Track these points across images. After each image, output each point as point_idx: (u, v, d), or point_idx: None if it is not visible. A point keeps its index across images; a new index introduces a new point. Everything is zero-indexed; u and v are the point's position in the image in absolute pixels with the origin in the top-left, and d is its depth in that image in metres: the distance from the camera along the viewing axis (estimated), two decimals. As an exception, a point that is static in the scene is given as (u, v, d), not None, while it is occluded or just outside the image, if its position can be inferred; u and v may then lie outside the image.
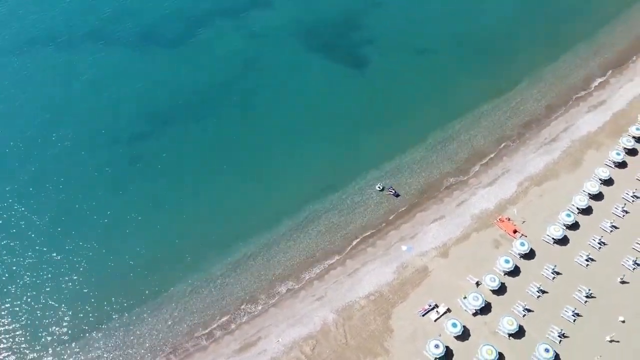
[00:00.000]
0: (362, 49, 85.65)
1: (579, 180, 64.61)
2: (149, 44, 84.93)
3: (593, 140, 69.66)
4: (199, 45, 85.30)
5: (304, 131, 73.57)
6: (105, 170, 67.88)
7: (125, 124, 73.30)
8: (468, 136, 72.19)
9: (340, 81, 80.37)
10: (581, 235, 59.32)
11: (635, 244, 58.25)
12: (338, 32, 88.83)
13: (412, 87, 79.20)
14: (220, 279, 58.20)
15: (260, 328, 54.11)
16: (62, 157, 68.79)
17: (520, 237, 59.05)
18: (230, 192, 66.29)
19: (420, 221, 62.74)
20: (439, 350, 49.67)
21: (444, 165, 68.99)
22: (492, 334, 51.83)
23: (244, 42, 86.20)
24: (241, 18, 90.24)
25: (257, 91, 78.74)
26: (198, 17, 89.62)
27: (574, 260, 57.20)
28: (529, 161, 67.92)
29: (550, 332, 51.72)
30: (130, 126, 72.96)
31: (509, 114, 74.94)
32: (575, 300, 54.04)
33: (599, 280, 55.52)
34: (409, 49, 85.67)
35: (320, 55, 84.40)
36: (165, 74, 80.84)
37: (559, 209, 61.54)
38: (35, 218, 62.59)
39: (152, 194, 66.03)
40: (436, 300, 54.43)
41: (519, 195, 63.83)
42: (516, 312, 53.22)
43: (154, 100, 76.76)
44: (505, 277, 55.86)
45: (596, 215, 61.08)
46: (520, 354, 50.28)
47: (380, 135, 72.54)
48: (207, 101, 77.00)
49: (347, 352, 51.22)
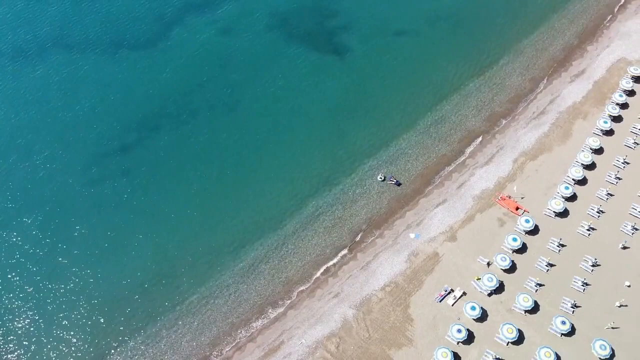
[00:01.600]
0: (340, 36, 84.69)
1: (571, 151, 66.35)
2: (122, 49, 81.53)
3: (579, 110, 71.37)
4: (173, 46, 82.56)
5: (293, 126, 72.67)
6: (97, 188, 65.42)
7: (109, 135, 70.69)
8: (459, 116, 72.88)
9: (322, 71, 79.49)
10: (580, 205, 61.20)
11: (632, 209, 60.55)
12: (313, 19, 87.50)
13: (396, 71, 79.04)
14: (233, 286, 57.67)
15: (282, 331, 54.14)
16: (50, 180, 65.91)
17: (522, 213, 60.51)
18: (228, 196, 65.22)
19: (424, 207, 63.45)
20: (462, 334, 50.87)
21: (439, 147, 69.62)
22: (509, 312, 53.37)
23: (218, 38, 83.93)
24: (212, 13, 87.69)
25: (239, 88, 77.17)
26: (168, 17, 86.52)
27: (576, 231, 59.11)
28: (521, 137, 69.20)
29: (563, 303, 53.61)
30: (114, 138, 70.40)
31: (495, 91, 75.88)
32: (583, 270, 56.02)
33: (602, 248, 57.62)
34: (387, 31, 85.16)
35: (298, 45, 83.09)
36: (142, 79, 78.09)
37: (556, 182, 63.23)
38: (33, 247, 60.19)
39: (149, 206, 64.28)
40: (451, 284, 55.49)
41: (515, 172, 65.13)
42: (528, 287, 54.85)
43: (135, 107, 74.17)
44: (514, 255, 57.34)
45: (592, 184, 63.02)
46: (538, 329, 51.99)
47: (371, 123, 72.49)
48: (189, 103, 75.00)
49: (371, 346, 51.89)
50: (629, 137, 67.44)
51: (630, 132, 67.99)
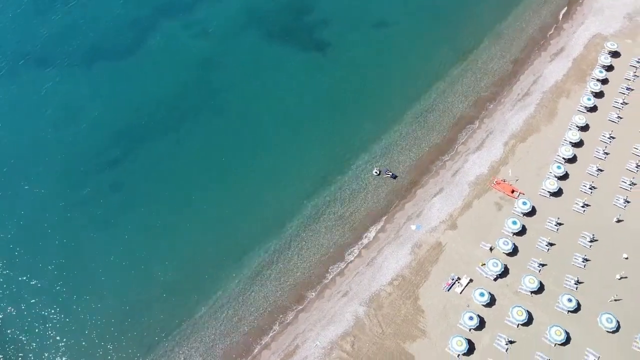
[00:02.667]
0: (319, 31, 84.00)
1: (558, 130, 67.66)
2: (98, 60, 79.29)
3: (562, 88, 72.71)
4: (151, 53, 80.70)
5: (281, 127, 71.92)
6: (89, 207, 63.69)
7: (95, 151, 68.80)
8: (446, 104, 73.38)
9: (305, 68, 78.88)
10: (573, 183, 62.58)
11: (622, 182, 62.27)
12: (291, 15, 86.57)
13: (379, 63, 78.94)
14: (241, 295, 57.29)
15: (295, 336, 54.19)
16: (39, 205, 63.79)
17: (518, 196, 61.61)
18: (225, 203, 64.42)
19: (422, 198, 63.99)
20: (474, 321, 51.79)
21: (430, 136, 70.08)
22: (516, 295, 54.53)
23: (197, 42, 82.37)
24: (187, 16, 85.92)
25: (223, 91, 76.12)
26: (142, 23, 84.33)
27: (571, 209, 60.53)
28: (508, 119, 70.21)
29: (566, 281, 55.02)
30: (101, 153, 68.54)
31: (479, 75, 76.61)
32: (582, 246, 57.48)
33: (598, 223, 59.16)
34: (366, 23, 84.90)
35: (278, 43, 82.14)
36: (123, 89, 76.25)
37: (548, 162, 64.47)
38: (29, 277, 58.49)
39: (144, 221, 63.06)
40: (456, 272, 56.28)
41: (507, 155, 66.14)
42: (532, 269, 56.07)
43: (118, 119, 72.37)
44: (515, 238, 58.45)
45: (581, 162, 64.48)
46: (545, 308, 53.27)
47: (360, 117, 72.43)
48: (174, 110, 73.57)
49: (386, 341, 52.41)
50: (612, 112, 69.08)
51: (613, 106, 69.64)
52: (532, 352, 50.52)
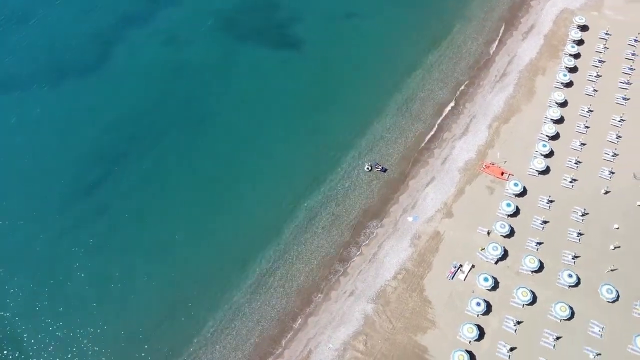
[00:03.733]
0: (290, 27, 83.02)
1: (539, 108, 68.92)
2: (64, 79, 76.20)
3: (537, 66, 73.96)
4: (119, 66, 78.03)
5: (264, 130, 70.72)
6: (75, 235, 61.01)
7: (74, 176, 65.98)
8: (426, 91, 73.78)
9: (280, 67, 77.83)
10: (558, 160, 63.97)
11: (604, 154, 64.04)
12: (259, 14, 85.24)
13: (354, 56, 78.72)
14: (247, 306, 56.53)
15: (307, 341, 53.97)
16: (22, 239, 60.93)
17: (508, 177, 62.61)
18: (216, 215, 63.14)
19: (415, 188, 64.33)
20: (481, 307, 52.62)
21: (415, 126, 70.37)
22: (517, 275, 55.63)
23: (165, 50, 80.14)
24: (151, 24, 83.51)
25: (199, 99, 74.38)
26: (105, 35, 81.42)
27: (560, 185, 61.94)
28: (489, 102, 71.06)
29: (564, 257, 56.42)
30: (80, 177, 65.81)
31: (455, 60, 77.21)
32: (574, 221, 58.96)
33: (587, 196, 60.78)
34: (336, 16, 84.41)
35: (250, 44, 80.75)
36: (94, 107, 73.39)
37: (532, 141, 65.67)
38: (25, 310, 56.29)
39: (136, 242, 61.10)
40: (458, 260, 56.93)
41: (493, 138, 67.03)
42: (530, 248, 57.24)
43: (94, 139, 69.70)
44: (510, 219, 59.46)
45: (564, 138, 65.92)
46: (547, 285, 54.49)
47: (342, 113, 72.08)
48: (152, 124, 71.52)
49: (397, 336, 52.76)
50: (587, 85, 70.78)
51: (588, 80, 71.37)
52: (539, 329, 51.77)
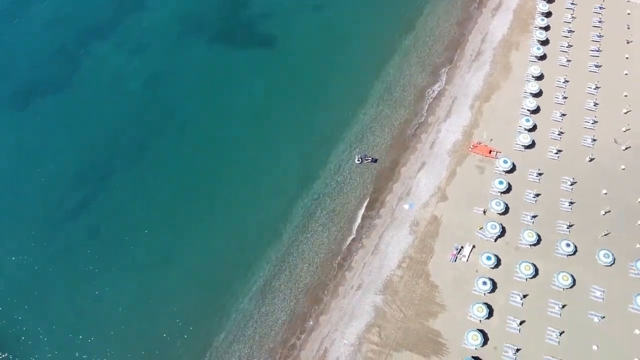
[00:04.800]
0: (260, 24, 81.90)
1: (517, 83, 70.14)
2: (31, 99, 73.53)
3: (510, 42, 75.09)
4: (88, 81, 75.77)
5: (248, 132, 69.87)
6: (67, 258, 59.61)
7: (59, 199, 64.24)
8: (405, 77, 74.14)
9: (256, 66, 76.83)
10: (542, 132, 65.43)
11: (585, 122, 65.85)
12: (226, 14, 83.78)
13: (329, 48, 78.23)
14: (256, 312, 56.28)
15: (322, 339, 54.20)
16: (11, 269, 59.19)
17: (496, 155, 63.75)
18: (211, 224, 62.34)
19: (407, 175, 64.84)
20: (487, 286, 53.81)
21: (399, 113, 70.70)
22: (517, 251, 56.98)
23: (135, 59, 78.02)
24: (117, 33, 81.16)
25: (178, 106, 72.84)
26: (69, 50, 79.02)
27: (547, 157, 63.46)
28: (468, 82, 71.90)
29: (559, 227, 58.04)
30: (65, 200, 64.09)
31: (430, 43, 77.66)
32: (565, 191, 60.58)
33: (573, 165, 62.47)
34: (305, 9, 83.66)
35: (221, 46, 79.39)
36: (69, 126, 71.25)
37: (515, 116, 66.90)
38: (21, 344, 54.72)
39: (132, 260, 59.86)
40: (458, 242, 57.87)
41: (476, 117, 67.98)
42: (526, 222, 58.65)
43: (74, 159, 67.76)
44: (504, 196, 60.70)
45: (545, 110, 67.41)
46: (547, 257, 55.97)
47: (325, 107, 71.83)
48: (134, 138, 69.69)
49: (410, 323, 53.51)
50: (560, 56, 72.37)
51: (560, 51, 72.95)
52: (545, 300, 53.31)
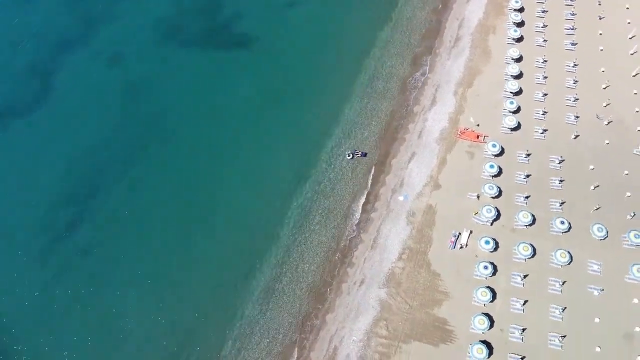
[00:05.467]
0: (235, 25, 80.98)
1: (497, 67, 70.90)
2: (13, 118, 71.44)
3: (486, 26, 75.78)
4: (66, 95, 73.76)
5: (235, 137, 69.06)
6: (65, 281, 58.13)
7: (48, 222, 62.33)
8: (387, 68, 74.25)
9: (236, 68, 75.99)
10: (526, 114, 66.29)
11: (566, 100, 67.03)
12: (201, 16, 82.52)
13: (308, 44, 77.88)
14: (260, 316, 55.94)
15: (330, 338, 54.23)
16: (15, 295, 57.51)
17: (484, 139, 64.43)
18: (208, 232, 61.50)
19: (398, 167, 65.10)
20: (489, 270, 54.53)
21: (384, 105, 70.81)
22: (514, 232, 57.81)
23: (113, 70, 76.36)
24: (92, 43, 79.24)
25: (162, 116, 71.52)
26: (43, 64, 76.61)
27: (533, 138, 64.42)
28: (449, 69, 72.39)
29: (551, 205, 59.11)
30: (54, 222, 62.27)
31: (407, 32, 77.92)
32: (553, 169, 61.55)
33: (559, 144, 63.55)
34: (279, 5, 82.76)
35: (199, 50, 78.18)
36: (50, 143, 69.14)
37: (499, 100, 67.67)
38: None
39: (131, 276, 58.64)
40: (455, 228, 58.43)
41: (461, 103, 68.52)
42: (519, 204, 59.54)
43: (59, 177, 65.94)
44: (495, 179, 61.43)
45: (527, 91, 68.31)
46: (543, 236, 56.96)
47: (310, 105, 71.55)
48: (118, 152, 68.19)
49: (416, 314, 53.89)
50: (537, 37, 73.40)
51: (536, 32, 73.98)
52: (545, 279, 54.30)
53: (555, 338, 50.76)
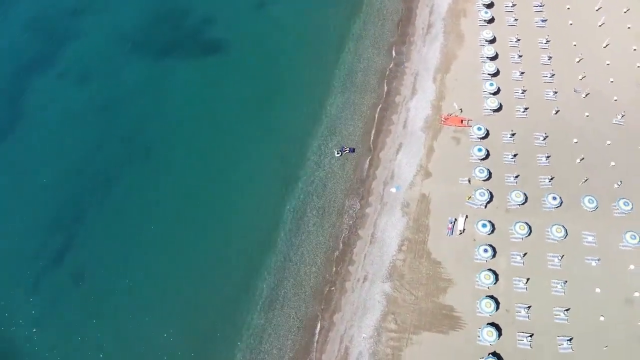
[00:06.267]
0: (207, 30, 79.14)
1: (473, 50, 71.38)
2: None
3: (457, 9, 76.16)
4: (39, 119, 70.53)
5: (218, 146, 66.94)
6: (60, 310, 56.23)
7: (34, 251, 59.68)
8: (364, 61, 73.90)
9: (212, 75, 73.76)
10: (507, 94, 66.92)
11: (543, 77, 67.99)
12: (170, 24, 79.97)
13: (282, 44, 76.64)
14: (267, 325, 55.15)
15: (340, 338, 53.98)
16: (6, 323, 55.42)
17: (468, 123, 64.88)
18: (201, 245, 59.82)
19: (387, 159, 64.99)
20: (488, 253, 55.10)
21: (365, 98, 70.51)
22: (508, 212, 58.48)
23: (85, 88, 72.93)
24: (60, 63, 75.61)
25: (139, 133, 68.91)
26: (10, 88, 72.78)
27: (516, 117, 65.23)
28: (425, 56, 72.55)
29: (541, 182, 60.01)
30: (41, 250, 59.63)
31: (379, 23, 77.71)
32: (539, 146, 62.34)
33: (541, 120, 64.48)
34: (249, 7, 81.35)
35: (171, 60, 75.76)
36: (26, 171, 66.26)
37: (478, 82, 68.12)
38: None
39: (128, 299, 56.84)
40: (451, 215, 58.76)
41: (441, 90, 68.77)
42: (510, 184, 60.23)
43: (39, 204, 63.24)
44: (484, 162, 61.96)
45: (505, 71, 68.97)
46: (536, 214, 57.74)
47: (290, 105, 70.43)
48: (97, 174, 65.33)
49: (422, 304, 54.07)
50: (507, 17, 74.13)
51: (506, 12, 74.72)
52: (544, 255, 55.17)
53: (560, 312, 51.72)
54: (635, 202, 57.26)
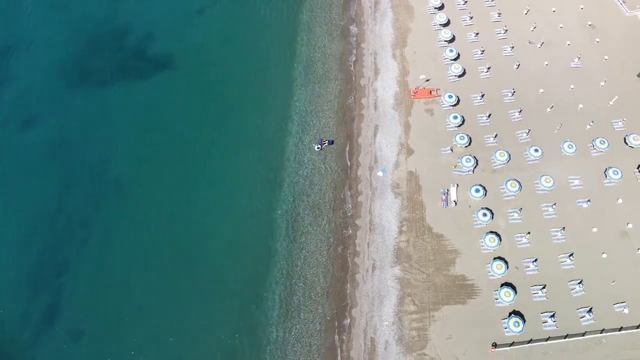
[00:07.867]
0: (149, 46, 74.93)
1: (424, 19, 71.88)
2: None
3: (399, -18, 76.07)
4: None
5: (192, 164, 64.03)
6: (54, 339, 53.53)
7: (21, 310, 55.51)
8: (319, 50, 72.56)
9: (167, 93, 70.04)
10: (467, 58, 67.78)
11: (497, 34, 69.20)
12: (109, 48, 75.03)
13: (232, 47, 73.89)
14: (289, 334, 53.78)
15: (364, 332, 53.44)
16: None
17: (438, 93, 65.17)
18: (199, 266, 57.54)
19: (367, 143, 64.40)
20: (487, 216, 55.92)
21: (330, 87, 69.40)
22: (495, 173, 59.49)
23: (31, 133, 67.25)
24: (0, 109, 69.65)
25: (103, 168, 64.56)
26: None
27: (481, 78, 66.18)
28: (379, 34, 72.10)
29: (519, 137, 61.35)
30: (28, 308, 55.56)
31: (326, 9, 76.60)
32: (509, 103, 63.85)
33: (506, 77, 66.09)
34: (188, 15, 77.82)
35: (118, 85, 71.25)
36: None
37: (437, 51, 68.61)
38: None
39: (137, 333, 54.19)
40: (442, 186, 59.16)
41: (403, 65, 68.66)
42: (491, 144, 61.16)
43: (14, 265, 58.46)
44: (462, 129, 62.55)
45: (460, 35, 69.71)
46: (521, 168, 59.09)
47: (256, 108, 68.23)
48: (68, 217, 61.24)
49: (435, 279, 54.36)
50: (451, -20, 74.72)
51: (448, -25, 75.24)
52: (538, 207, 56.72)
53: (565, 258, 53.46)
54: (609, 139, 59.65)
